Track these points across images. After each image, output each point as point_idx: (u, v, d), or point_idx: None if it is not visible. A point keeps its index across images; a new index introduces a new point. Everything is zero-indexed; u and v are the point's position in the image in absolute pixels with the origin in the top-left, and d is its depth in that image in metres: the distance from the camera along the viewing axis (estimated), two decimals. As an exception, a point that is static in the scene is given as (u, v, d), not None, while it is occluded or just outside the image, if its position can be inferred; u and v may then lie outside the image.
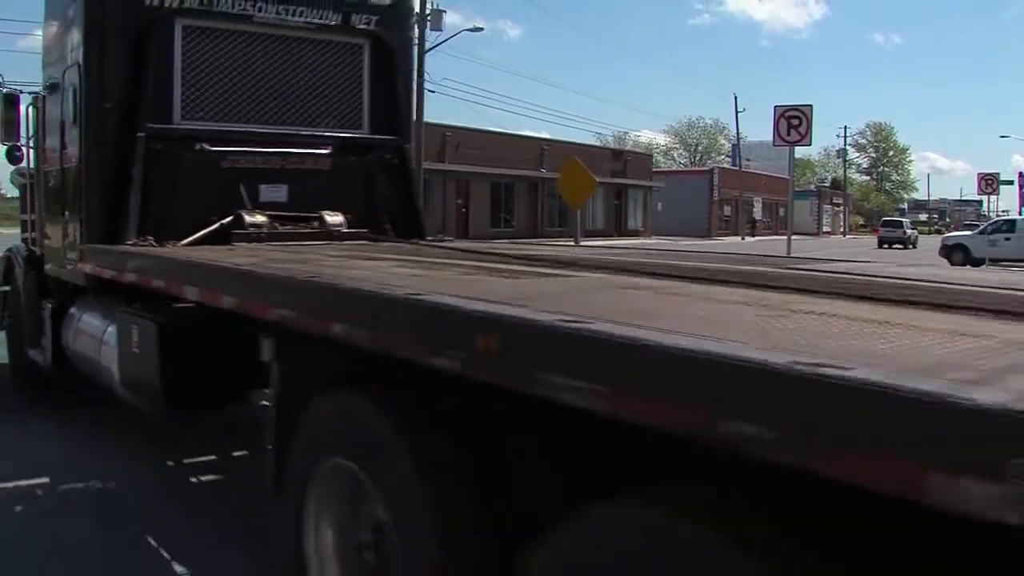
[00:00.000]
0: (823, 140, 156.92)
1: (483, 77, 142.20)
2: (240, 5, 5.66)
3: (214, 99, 5.68)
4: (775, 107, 13.74)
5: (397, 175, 6.17)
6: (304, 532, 2.88)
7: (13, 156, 6.78)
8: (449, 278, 3.20)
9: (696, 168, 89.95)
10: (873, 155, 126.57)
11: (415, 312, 2.20)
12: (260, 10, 5.69)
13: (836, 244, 57.10)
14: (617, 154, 61.43)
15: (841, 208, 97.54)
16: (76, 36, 5.34)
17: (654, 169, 70.00)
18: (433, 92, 37.13)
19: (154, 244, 5.02)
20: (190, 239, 5.16)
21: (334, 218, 5.73)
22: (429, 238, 6.17)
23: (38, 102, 6.32)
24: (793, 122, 13.50)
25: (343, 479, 2.67)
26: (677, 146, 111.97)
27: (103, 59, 5.32)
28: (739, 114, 73.29)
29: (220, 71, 5.68)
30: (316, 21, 5.88)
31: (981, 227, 34.36)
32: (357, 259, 4.00)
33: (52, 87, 5.88)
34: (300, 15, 5.83)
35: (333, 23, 5.93)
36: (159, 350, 3.93)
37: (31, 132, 6.56)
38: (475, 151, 45.30)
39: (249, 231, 5.30)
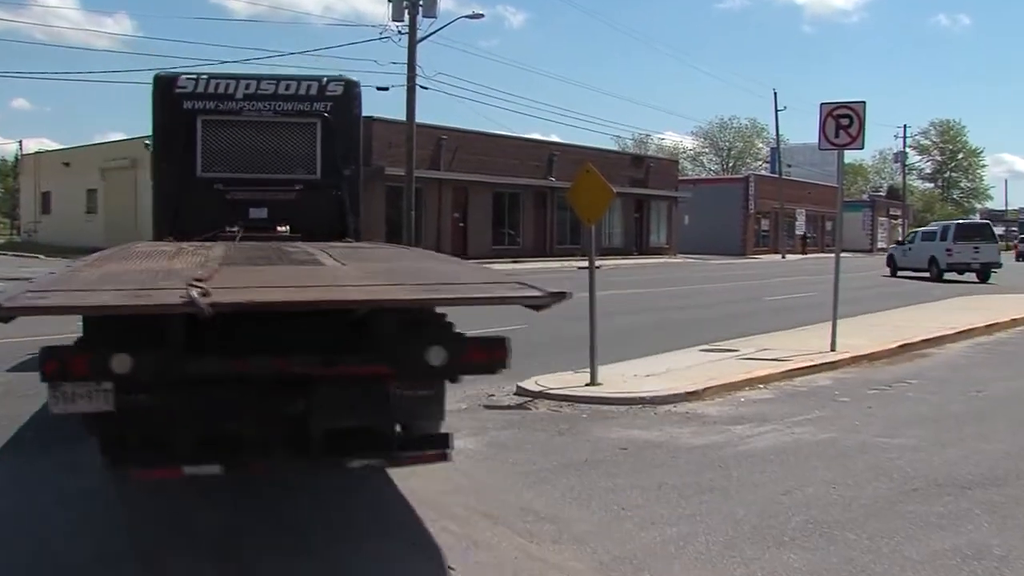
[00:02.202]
0: (878, 142, 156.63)
1: (483, 71, 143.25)
2: (236, 106, 10.96)
3: (221, 158, 10.96)
4: (821, 104, 13.84)
5: (338, 202, 11.19)
6: None
7: None
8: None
9: (729, 176, 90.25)
10: (938, 159, 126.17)
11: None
12: (249, 108, 11.00)
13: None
14: (638, 160, 61.75)
15: (899, 220, 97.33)
16: (151, 125, 11.32)
17: (680, 177, 70.21)
18: (426, 88, 37.29)
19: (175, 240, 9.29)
20: (202, 238, 9.42)
21: (282, 228, 10.80)
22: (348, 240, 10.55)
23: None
24: (842, 122, 13.54)
25: None
26: (707, 150, 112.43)
27: (161, 137, 11.14)
28: (779, 113, 73.25)
29: (224, 142, 10.98)
30: (285, 110, 11.10)
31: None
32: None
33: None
34: (273, 109, 11.07)
35: (296, 111, 11.14)
36: None
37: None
38: (474, 156, 45.53)
39: (230, 234, 10.14)
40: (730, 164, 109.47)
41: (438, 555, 5.43)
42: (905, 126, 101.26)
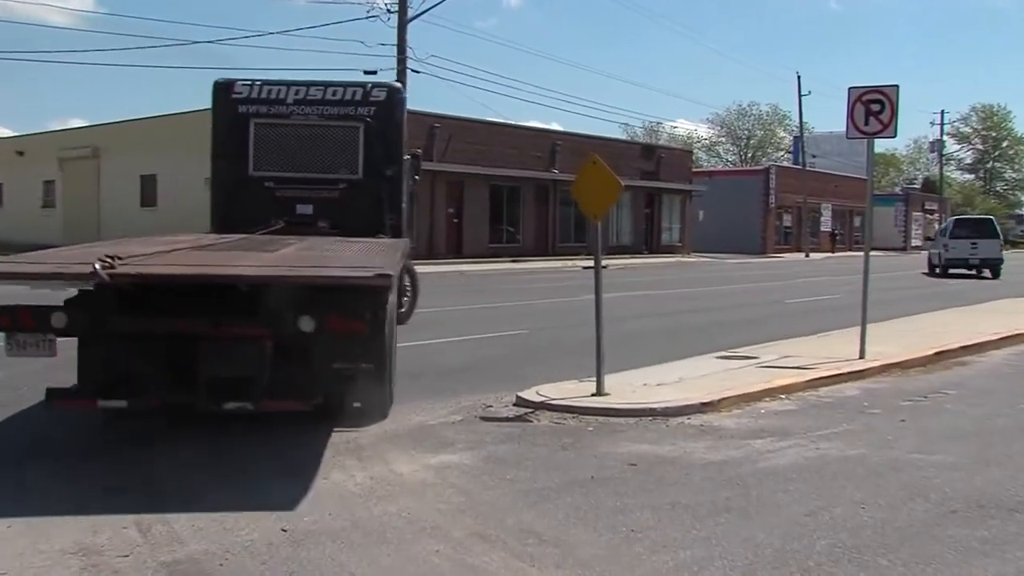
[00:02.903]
0: (912, 130, 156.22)
1: (480, 54, 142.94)
2: (286, 111, 12.96)
3: (271, 158, 12.95)
4: (849, 89, 13.83)
5: (377, 201, 13.04)
6: None
7: None
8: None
9: (748, 167, 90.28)
10: (980, 147, 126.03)
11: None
12: (298, 112, 12.99)
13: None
14: (648, 150, 61.84)
15: (936, 216, 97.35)
16: (211, 125, 13.19)
17: (694, 169, 70.34)
18: (417, 72, 37.31)
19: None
20: (258, 232, 11.58)
21: (322, 224, 12.66)
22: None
23: None
24: (873, 108, 13.55)
25: None
26: (723, 139, 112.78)
27: (218, 137, 13.13)
28: (802, 98, 72.80)
29: (274, 144, 12.96)
30: (330, 115, 13.05)
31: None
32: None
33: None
34: (320, 114, 13.04)
35: (341, 115, 13.04)
36: None
37: None
38: (470, 146, 45.55)
39: (273, 228, 12.15)
40: (749, 154, 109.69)
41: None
42: (943, 111, 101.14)
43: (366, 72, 37.29)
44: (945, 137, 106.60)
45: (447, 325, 17.55)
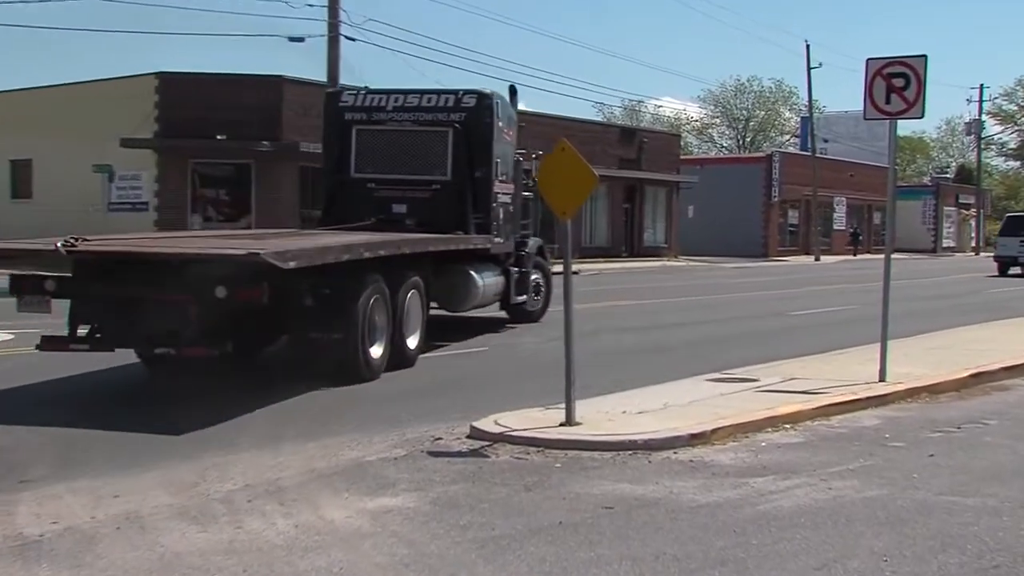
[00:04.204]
0: (944, 109, 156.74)
1: (427, 19, 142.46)
2: (385, 117, 18.19)
3: (371, 161, 18.09)
4: (868, 60, 13.85)
5: (462, 201, 17.59)
6: None
7: None
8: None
9: (747, 155, 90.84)
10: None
11: None
12: (395, 118, 18.16)
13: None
14: (628, 134, 62.13)
15: (973, 211, 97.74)
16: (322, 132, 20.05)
17: (683, 156, 70.70)
18: (353, 40, 37.20)
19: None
20: (356, 225, 17.03)
21: (409, 221, 17.50)
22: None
23: None
24: (896, 83, 13.61)
25: None
26: (718, 121, 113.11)
27: (327, 142, 19.27)
28: (812, 72, 72.88)
29: (374, 148, 18.15)
30: (423, 120, 18.11)
31: None
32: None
33: None
34: (414, 120, 18.06)
35: (433, 121, 17.96)
36: None
37: None
38: (413, 126, 45.51)
39: (367, 224, 17.40)
40: (748, 139, 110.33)
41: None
42: (982, 86, 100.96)
43: (291, 39, 37.27)
44: (984, 117, 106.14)
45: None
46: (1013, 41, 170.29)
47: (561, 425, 10.48)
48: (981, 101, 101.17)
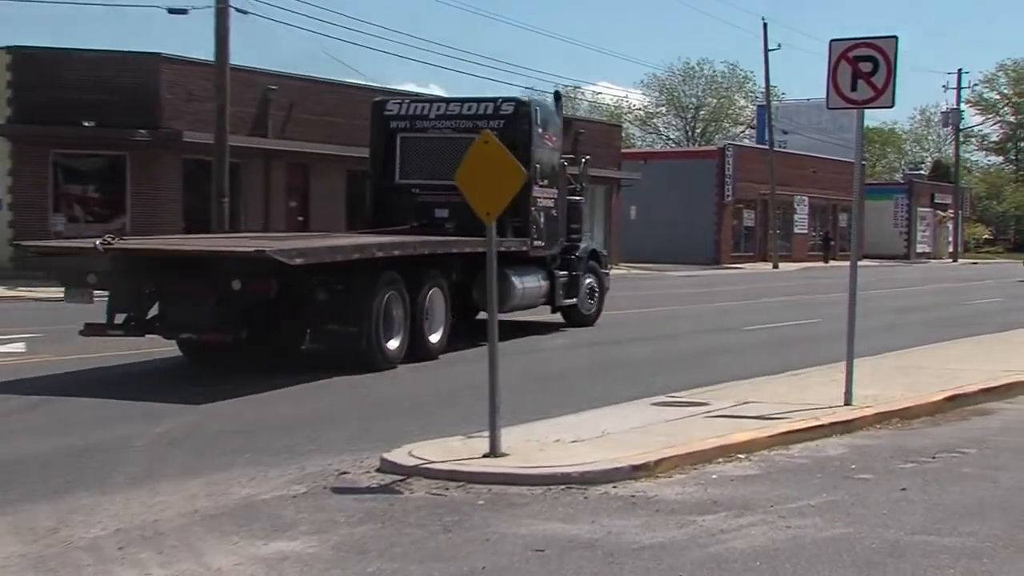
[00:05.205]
0: (918, 97, 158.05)
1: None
2: (427, 125, 22.71)
3: (414, 168, 22.61)
4: (831, 42, 13.97)
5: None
6: None
7: None
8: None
9: (696, 148, 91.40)
10: (1011, 120, 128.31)
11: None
12: (436, 126, 22.64)
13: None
14: (563, 124, 62.01)
15: (950, 212, 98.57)
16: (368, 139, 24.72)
17: (624, 149, 70.87)
18: (245, 13, 37.02)
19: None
20: (394, 229, 21.46)
21: (448, 226, 21.53)
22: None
23: None
24: (863, 67, 13.73)
25: None
26: (663, 109, 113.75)
27: (374, 150, 23.39)
28: (769, 54, 73.25)
29: (417, 154, 22.68)
30: (462, 128, 21.63)
31: None
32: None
33: None
34: (454, 127, 22.14)
35: (472, 128, 20.23)
36: None
37: None
38: (319, 117, 45.31)
39: (405, 228, 21.78)
40: (698, 130, 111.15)
41: None
42: (960, 72, 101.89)
43: (171, 11, 36.86)
44: (963, 106, 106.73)
45: (279, 360, 17.44)
46: (994, 22, 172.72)
47: (485, 456, 10.50)
48: (959, 88, 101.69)
